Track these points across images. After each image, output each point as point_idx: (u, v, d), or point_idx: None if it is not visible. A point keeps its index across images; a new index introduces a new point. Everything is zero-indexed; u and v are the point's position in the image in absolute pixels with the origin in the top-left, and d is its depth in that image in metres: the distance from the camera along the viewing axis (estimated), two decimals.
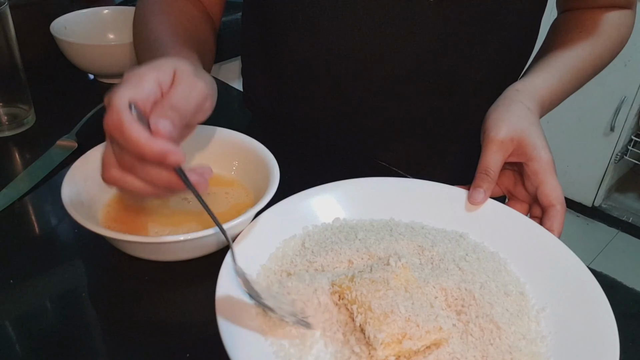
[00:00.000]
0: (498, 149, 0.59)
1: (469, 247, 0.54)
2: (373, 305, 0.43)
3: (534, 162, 0.58)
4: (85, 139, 0.69)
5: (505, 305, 0.47)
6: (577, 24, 0.73)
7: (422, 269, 0.50)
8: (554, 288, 0.50)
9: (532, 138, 0.59)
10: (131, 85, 0.44)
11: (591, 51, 0.70)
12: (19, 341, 0.47)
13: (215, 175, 0.62)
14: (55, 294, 0.51)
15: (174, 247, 0.50)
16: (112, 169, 0.45)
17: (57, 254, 0.56)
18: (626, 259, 2.06)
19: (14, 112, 0.74)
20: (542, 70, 0.68)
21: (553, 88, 0.67)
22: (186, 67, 0.49)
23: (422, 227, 0.57)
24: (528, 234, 0.55)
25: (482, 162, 0.59)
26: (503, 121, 0.60)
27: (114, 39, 0.92)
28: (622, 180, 2.25)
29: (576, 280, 0.50)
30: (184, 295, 0.51)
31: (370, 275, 0.46)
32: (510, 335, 0.45)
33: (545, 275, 0.51)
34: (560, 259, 0.52)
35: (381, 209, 0.58)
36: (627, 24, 0.74)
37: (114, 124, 0.42)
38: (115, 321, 0.49)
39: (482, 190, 0.58)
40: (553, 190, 0.57)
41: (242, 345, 0.42)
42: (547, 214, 0.57)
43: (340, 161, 0.72)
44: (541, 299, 0.49)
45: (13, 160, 0.70)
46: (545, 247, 0.54)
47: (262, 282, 0.49)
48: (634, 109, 1.94)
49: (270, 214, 0.54)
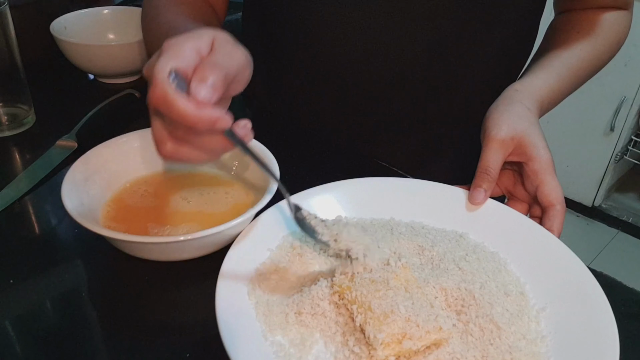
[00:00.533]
0: (498, 148, 0.59)
1: (469, 247, 0.54)
2: (373, 305, 0.43)
3: (534, 161, 0.58)
4: (85, 139, 0.69)
5: (505, 305, 0.47)
6: (574, 25, 0.73)
7: (422, 269, 0.50)
8: (554, 288, 0.50)
9: (532, 138, 0.59)
10: (171, 55, 0.43)
11: (590, 51, 0.71)
12: (19, 341, 0.47)
13: (215, 175, 0.62)
14: (55, 294, 0.51)
15: (173, 247, 0.50)
16: (166, 143, 0.44)
17: (57, 253, 0.56)
18: (626, 259, 2.06)
19: (14, 112, 0.74)
20: (541, 70, 0.68)
21: (552, 88, 0.67)
22: (224, 35, 0.48)
23: (423, 226, 0.57)
24: (528, 234, 0.55)
25: (482, 162, 0.59)
26: (503, 120, 0.60)
27: (114, 39, 0.92)
28: (622, 180, 2.25)
29: (576, 280, 0.50)
30: (184, 295, 0.51)
31: (370, 276, 0.46)
32: (510, 335, 0.45)
33: (545, 275, 0.51)
34: (560, 259, 0.52)
35: (382, 209, 0.58)
36: (624, 25, 0.74)
37: (159, 98, 0.41)
38: (115, 321, 0.49)
39: (482, 190, 0.58)
40: (553, 190, 0.57)
41: (242, 345, 0.42)
42: (546, 214, 0.57)
43: (340, 161, 0.72)
44: (541, 299, 0.49)
45: (13, 160, 0.70)
46: (545, 247, 0.53)
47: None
48: (634, 109, 1.94)
49: (271, 213, 0.54)
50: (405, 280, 0.46)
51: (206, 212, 0.57)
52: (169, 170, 0.62)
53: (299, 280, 0.50)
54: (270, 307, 0.47)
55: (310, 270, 0.51)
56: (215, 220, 0.50)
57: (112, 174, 0.59)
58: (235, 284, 0.48)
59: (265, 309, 0.46)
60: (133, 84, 0.86)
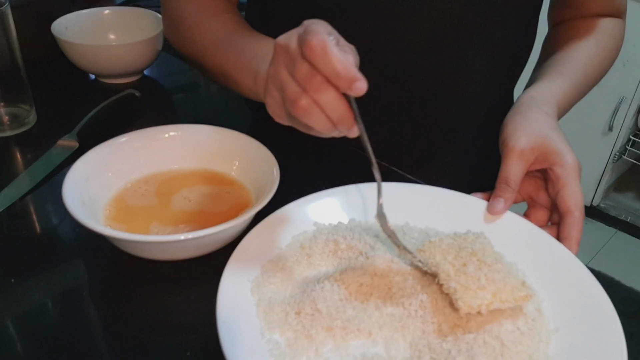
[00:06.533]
0: (518, 158, 0.58)
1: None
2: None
3: (559, 167, 0.57)
4: (86, 138, 0.69)
5: (517, 322, 0.46)
6: (574, 32, 0.73)
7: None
8: (570, 309, 0.48)
9: (555, 144, 0.57)
10: (320, 23, 0.44)
11: (594, 55, 0.70)
12: (20, 340, 0.47)
13: (216, 174, 0.62)
14: (56, 293, 0.51)
15: (174, 246, 0.51)
16: (303, 98, 0.43)
17: (58, 253, 0.56)
18: (625, 258, 2.06)
19: (15, 112, 0.74)
20: (552, 75, 0.67)
21: (566, 92, 0.66)
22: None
23: (437, 233, 0.56)
24: (546, 248, 0.53)
25: (502, 173, 0.58)
26: (522, 130, 0.59)
27: (115, 39, 0.92)
28: (620, 179, 2.26)
29: (593, 305, 0.48)
30: (184, 295, 0.51)
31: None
32: (515, 355, 0.43)
33: (560, 295, 0.49)
34: (578, 280, 0.50)
35: (397, 214, 0.56)
36: (620, 32, 0.75)
37: (319, 45, 0.41)
38: (116, 320, 0.49)
39: (502, 200, 0.56)
40: (572, 195, 0.55)
41: (237, 340, 0.42)
42: (564, 222, 0.55)
43: (340, 161, 0.72)
44: (556, 320, 0.47)
45: (14, 160, 0.70)
46: (562, 265, 0.52)
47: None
48: (632, 109, 1.94)
49: (284, 212, 0.54)
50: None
51: (207, 212, 0.58)
52: (170, 170, 0.63)
53: (305, 280, 0.50)
54: (271, 305, 0.47)
55: (317, 271, 0.51)
56: (216, 220, 0.51)
57: (113, 174, 0.59)
58: (239, 279, 0.48)
59: (267, 306, 0.47)
60: (134, 84, 0.87)
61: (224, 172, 0.62)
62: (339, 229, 0.55)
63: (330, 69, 0.41)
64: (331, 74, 0.41)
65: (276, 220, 0.54)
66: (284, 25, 0.45)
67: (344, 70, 0.41)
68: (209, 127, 0.63)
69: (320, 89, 0.42)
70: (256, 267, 0.50)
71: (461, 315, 0.45)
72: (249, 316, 0.46)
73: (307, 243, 0.53)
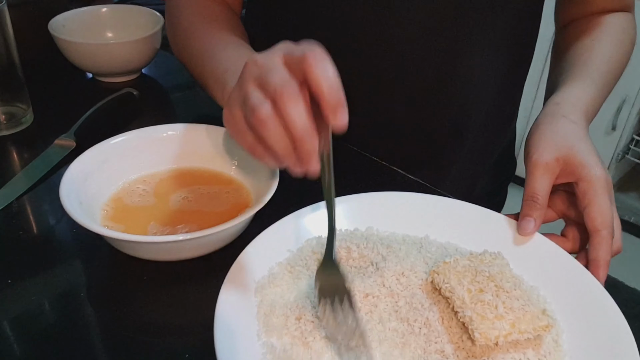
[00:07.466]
0: (544, 172, 0.54)
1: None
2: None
3: (584, 182, 0.53)
4: (83, 138, 0.69)
5: (527, 354, 0.43)
6: (585, 31, 0.70)
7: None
8: (590, 346, 0.44)
9: (580, 156, 0.54)
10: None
11: (613, 53, 0.68)
12: (17, 341, 0.46)
13: (215, 174, 0.62)
14: (53, 294, 0.51)
15: (173, 246, 0.50)
16: (265, 105, 0.41)
17: (55, 253, 0.55)
18: (628, 259, 2.05)
19: (12, 111, 0.73)
20: (575, 79, 0.64)
21: (592, 96, 0.63)
22: None
23: (456, 249, 0.54)
24: (569, 274, 0.50)
25: (528, 188, 0.55)
26: (546, 141, 0.56)
27: (112, 37, 0.91)
28: (623, 179, 2.25)
29: (616, 343, 0.44)
30: (183, 295, 0.51)
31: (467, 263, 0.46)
32: None
33: (583, 327, 0.46)
34: (602, 313, 0.46)
35: (418, 226, 0.55)
36: (631, 26, 0.74)
37: (324, 53, 0.41)
38: (114, 321, 0.49)
39: (532, 220, 0.53)
40: (599, 213, 0.51)
41: (232, 340, 0.42)
42: (591, 241, 0.52)
43: (339, 161, 0.71)
44: (574, 354, 0.44)
45: (11, 160, 0.69)
46: (585, 293, 0.48)
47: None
48: (635, 108, 1.94)
49: (299, 215, 0.53)
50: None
51: (205, 212, 0.57)
52: (168, 169, 0.62)
53: (311, 286, 0.48)
54: (273, 307, 0.46)
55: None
56: (215, 220, 0.50)
57: (110, 173, 0.59)
58: (244, 279, 0.47)
59: (268, 308, 0.46)
60: (132, 83, 0.86)
61: (223, 171, 0.62)
62: (354, 236, 0.53)
63: (325, 79, 0.40)
64: (323, 85, 0.40)
65: (291, 222, 0.53)
66: (283, 26, 0.45)
67: (336, 87, 0.40)
68: (208, 126, 0.62)
69: (291, 98, 0.40)
70: (264, 268, 0.49)
71: (477, 345, 0.43)
72: (249, 316, 0.45)
73: (319, 249, 0.52)
